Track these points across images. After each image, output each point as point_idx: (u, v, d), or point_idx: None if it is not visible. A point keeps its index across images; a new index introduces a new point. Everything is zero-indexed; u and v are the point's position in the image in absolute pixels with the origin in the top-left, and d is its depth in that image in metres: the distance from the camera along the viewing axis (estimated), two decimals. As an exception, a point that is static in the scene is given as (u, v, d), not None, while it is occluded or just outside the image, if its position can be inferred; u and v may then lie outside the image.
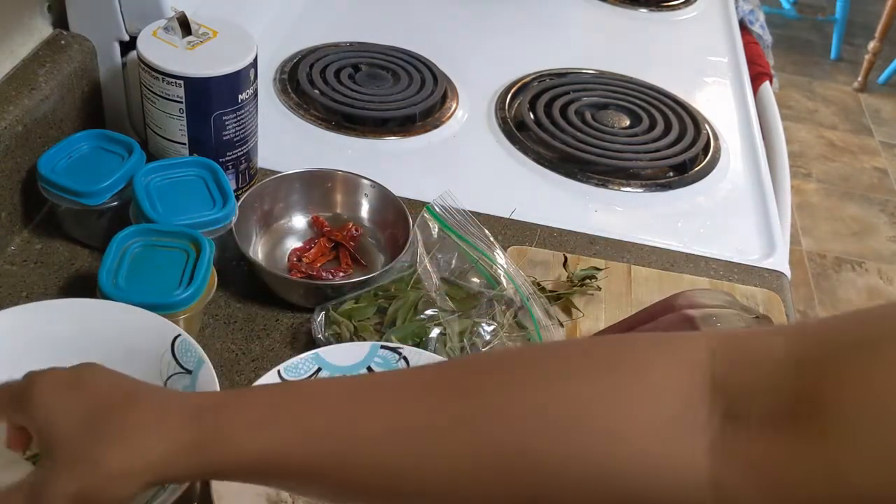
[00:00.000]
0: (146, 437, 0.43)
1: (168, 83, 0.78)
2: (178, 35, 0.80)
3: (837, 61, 3.60)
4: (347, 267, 0.82)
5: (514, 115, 1.09)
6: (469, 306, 0.76)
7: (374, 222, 0.86)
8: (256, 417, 0.44)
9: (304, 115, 1.03)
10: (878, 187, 2.88)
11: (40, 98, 0.80)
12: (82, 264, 0.79)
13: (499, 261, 0.79)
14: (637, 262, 0.89)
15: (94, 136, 0.81)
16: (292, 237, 0.85)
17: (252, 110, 0.85)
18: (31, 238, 0.81)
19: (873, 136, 3.16)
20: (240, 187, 0.88)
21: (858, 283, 2.46)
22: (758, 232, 0.96)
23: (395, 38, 1.19)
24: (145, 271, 0.70)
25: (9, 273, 0.77)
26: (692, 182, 1.02)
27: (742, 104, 1.21)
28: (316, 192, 0.86)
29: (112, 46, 0.87)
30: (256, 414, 0.44)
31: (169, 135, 0.82)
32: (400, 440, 0.42)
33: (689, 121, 1.12)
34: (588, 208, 0.96)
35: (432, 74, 1.12)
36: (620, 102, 1.14)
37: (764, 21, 1.59)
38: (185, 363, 0.63)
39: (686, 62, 1.31)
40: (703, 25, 1.42)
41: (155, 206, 0.75)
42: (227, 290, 0.78)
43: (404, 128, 1.04)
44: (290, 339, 0.75)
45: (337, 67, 1.10)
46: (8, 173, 0.77)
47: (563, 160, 1.02)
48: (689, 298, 0.68)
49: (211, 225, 0.75)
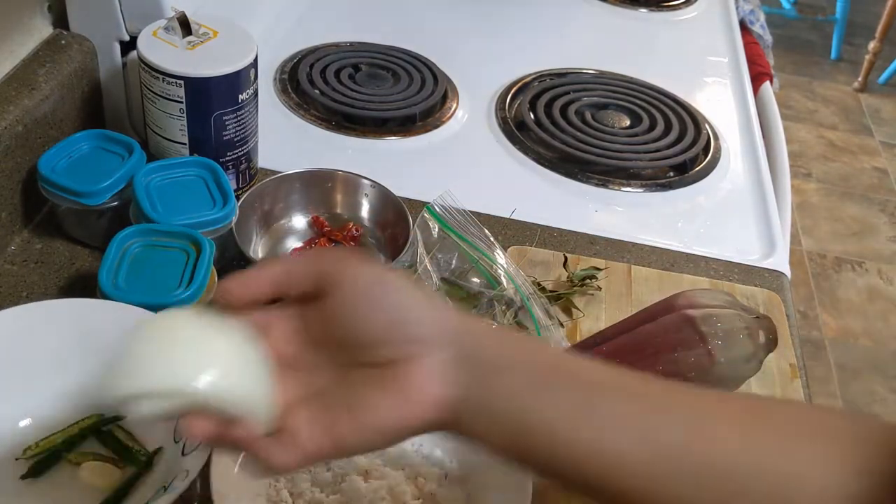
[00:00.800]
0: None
1: (168, 83, 0.78)
2: (179, 35, 0.80)
3: (837, 61, 3.60)
4: (347, 267, 0.82)
5: (514, 115, 1.09)
6: (469, 306, 0.76)
7: (374, 222, 0.86)
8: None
9: (304, 115, 1.03)
10: (878, 187, 2.88)
11: (40, 98, 0.80)
12: (82, 264, 0.79)
13: (499, 261, 0.79)
14: (637, 262, 0.89)
15: (94, 136, 0.81)
16: (292, 237, 0.85)
17: (252, 110, 0.85)
18: (31, 238, 0.81)
19: (873, 136, 3.16)
20: (240, 187, 0.88)
21: (858, 283, 2.46)
22: (758, 232, 0.96)
23: (395, 38, 1.19)
24: (145, 271, 0.70)
25: (9, 273, 0.77)
26: (692, 182, 1.02)
27: (742, 104, 1.21)
28: (316, 192, 0.86)
29: (112, 46, 0.87)
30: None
31: (169, 135, 0.82)
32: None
33: (690, 121, 1.12)
34: (588, 208, 0.96)
35: (432, 74, 1.12)
36: (620, 102, 1.14)
37: (764, 21, 1.59)
38: (186, 363, 0.63)
39: (686, 62, 1.31)
40: (703, 25, 1.42)
41: (155, 206, 0.75)
42: (227, 290, 0.78)
43: (404, 128, 1.04)
44: (290, 339, 0.75)
45: (337, 67, 1.10)
46: (8, 173, 0.77)
47: (563, 160, 1.02)
48: (689, 298, 0.68)
49: (211, 225, 0.75)
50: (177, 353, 0.44)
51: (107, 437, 0.63)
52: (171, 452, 0.61)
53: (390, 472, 0.62)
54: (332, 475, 0.62)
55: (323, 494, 0.61)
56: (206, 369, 0.43)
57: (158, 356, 0.44)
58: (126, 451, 0.63)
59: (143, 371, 0.43)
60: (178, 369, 0.43)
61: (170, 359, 0.44)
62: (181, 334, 0.45)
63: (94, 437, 0.63)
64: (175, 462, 0.60)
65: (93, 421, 0.64)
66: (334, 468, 0.63)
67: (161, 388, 0.43)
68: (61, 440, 0.62)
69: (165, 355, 0.44)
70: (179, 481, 0.56)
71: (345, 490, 0.61)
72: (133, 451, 0.62)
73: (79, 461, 0.62)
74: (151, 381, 0.43)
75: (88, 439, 0.63)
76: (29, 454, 0.61)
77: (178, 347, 0.44)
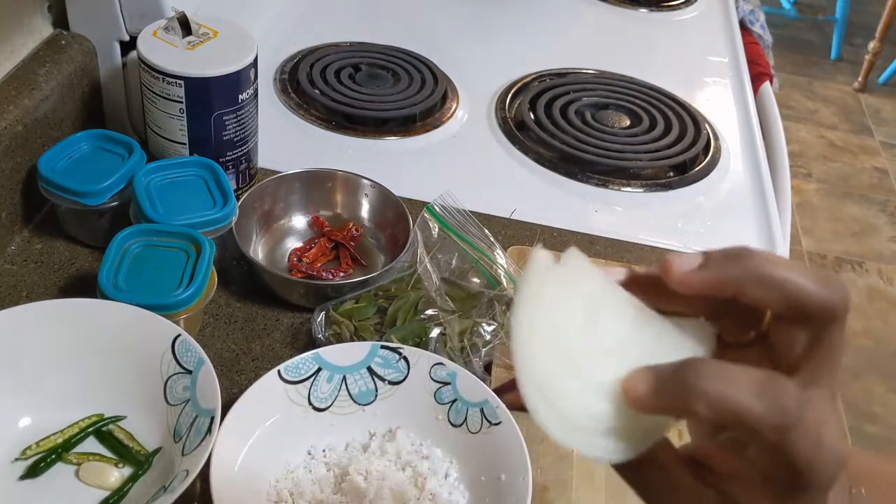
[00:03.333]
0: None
1: (168, 83, 0.78)
2: (179, 35, 0.80)
3: (837, 61, 3.61)
4: (347, 267, 0.82)
5: (514, 115, 1.09)
6: (469, 306, 0.76)
7: (374, 222, 0.86)
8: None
9: (304, 115, 1.03)
10: (878, 187, 2.88)
11: (40, 98, 0.80)
12: (82, 264, 0.79)
13: (499, 261, 0.79)
14: (637, 262, 0.89)
15: (94, 136, 0.81)
16: (292, 237, 0.85)
17: (252, 110, 0.85)
18: (31, 238, 0.81)
19: (873, 136, 3.16)
20: (240, 187, 0.88)
21: (858, 284, 2.46)
22: (758, 232, 0.96)
23: (395, 38, 1.19)
24: (145, 271, 0.70)
25: (9, 273, 0.77)
26: (692, 182, 1.02)
27: (742, 104, 1.21)
28: (316, 192, 0.86)
29: (112, 46, 0.87)
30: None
31: (169, 135, 0.82)
32: None
33: (690, 121, 1.12)
34: (588, 208, 0.96)
35: (432, 74, 1.12)
36: (620, 102, 1.14)
37: (764, 21, 1.59)
38: (186, 363, 0.63)
39: (686, 62, 1.31)
40: (703, 25, 1.42)
41: (155, 206, 0.75)
42: (227, 290, 0.78)
43: (404, 128, 1.04)
44: (290, 338, 0.75)
45: (337, 67, 1.10)
46: (8, 173, 0.77)
47: (563, 160, 1.02)
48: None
49: (211, 225, 0.75)
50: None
51: (107, 437, 0.63)
52: (171, 452, 0.61)
53: (390, 472, 0.62)
54: (332, 475, 0.62)
55: (323, 494, 0.61)
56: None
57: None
58: (126, 451, 0.63)
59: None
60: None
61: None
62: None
63: (94, 437, 0.64)
64: (175, 462, 0.60)
65: (93, 421, 0.64)
66: (334, 468, 0.63)
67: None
68: (61, 440, 0.62)
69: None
70: (179, 481, 0.56)
71: (345, 490, 0.61)
72: (133, 451, 0.63)
73: (78, 461, 0.62)
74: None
75: (88, 439, 0.63)
76: (29, 454, 0.61)
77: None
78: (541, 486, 0.64)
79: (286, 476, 0.62)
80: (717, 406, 0.30)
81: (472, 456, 0.64)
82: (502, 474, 0.62)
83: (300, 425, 0.65)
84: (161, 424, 0.63)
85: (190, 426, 0.60)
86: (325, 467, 0.63)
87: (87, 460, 0.62)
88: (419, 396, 0.67)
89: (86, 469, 0.61)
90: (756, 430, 0.30)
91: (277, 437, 0.63)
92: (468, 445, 0.65)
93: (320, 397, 0.66)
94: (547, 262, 0.35)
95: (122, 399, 0.65)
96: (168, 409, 0.63)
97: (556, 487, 0.65)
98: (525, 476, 0.60)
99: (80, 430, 0.63)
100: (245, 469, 0.60)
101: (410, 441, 0.65)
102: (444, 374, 0.67)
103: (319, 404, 0.66)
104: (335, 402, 0.67)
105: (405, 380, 0.68)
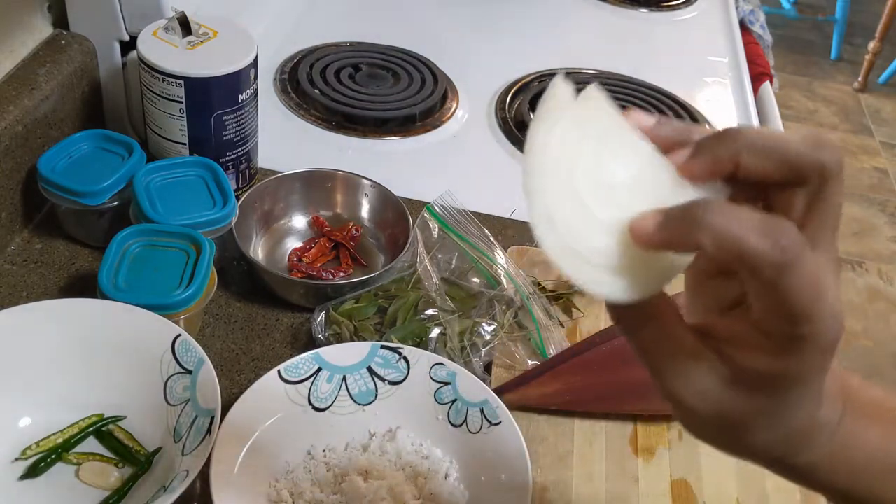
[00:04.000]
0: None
1: (168, 83, 0.78)
2: (179, 35, 0.80)
3: (837, 61, 3.61)
4: (347, 267, 0.82)
5: (514, 115, 1.09)
6: (469, 306, 0.76)
7: (374, 222, 0.86)
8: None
9: (304, 115, 1.03)
10: (878, 187, 2.88)
11: (40, 98, 0.80)
12: (82, 264, 0.79)
13: (499, 261, 0.79)
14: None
15: (94, 136, 0.81)
16: (292, 237, 0.85)
17: (252, 110, 0.85)
18: (31, 238, 0.81)
19: (873, 136, 3.16)
20: (240, 187, 0.88)
21: (858, 283, 2.46)
22: (758, 232, 0.96)
23: (395, 38, 1.19)
24: (145, 271, 0.70)
25: (9, 273, 0.77)
26: (692, 182, 1.02)
27: (742, 104, 1.21)
28: (316, 192, 0.86)
29: (112, 46, 0.87)
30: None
31: (169, 135, 0.82)
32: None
33: (690, 121, 1.12)
34: (588, 208, 0.96)
35: (432, 74, 1.12)
36: (620, 102, 1.14)
37: (764, 21, 1.59)
38: (186, 363, 0.63)
39: (686, 62, 1.31)
40: (703, 25, 1.42)
41: (155, 206, 0.75)
42: (227, 290, 0.78)
43: (404, 128, 1.04)
44: (290, 338, 0.75)
45: (337, 67, 1.10)
46: (8, 173, 0.77)
47: (563, 160, 1.02)
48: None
49: (211, 225, 0.75)
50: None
51: (107, 437, 0.63)
52: (171, 452, 0.61)
53: (390, 472, 0.62)
54: (332, 475, 0.62)
55: (323, 495, 0.61)
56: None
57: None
58: (126, 451, 0.63)
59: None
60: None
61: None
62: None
63: (94, 437, 0.64)
64: (175, 462, 0.60)
65: (93, 421, 0.64)
66: (334, 468, 0.63)
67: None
68: (61, 440, 0.62)
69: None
70: (179, 481, 0.56)
71: (345, 490, 0.61)
72: (133, 451, 0.63)
73: (78, 461, 0.62)
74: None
75: (88, 439, 0.63)
76: (29, 454, 0.61)
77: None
78: (541, 486, 0.64)
79: (286, 476, 0.62)
80: (721, 239, 0.31)
81: (472, 456, 0.64)
82: (502, 474, 0.62)
83: (300, 425, 0.65)
84: (161, 424, 0.63)
85: (190, 426, 0.60)
86: (325, 467, 0.63)
87: (87, 460, 0.62)
88: (419, 396, 0.67)
89: (86, 469, 0.61)
90: (756, 267, 0.31)
91: (277, 438, 0.63)
92: (468, 445, 0.65)
93: (320, 397, 0.66)
94: (566, 97, 0.35)
95: (122, 399, 0.65)
96: (168, 409, 0.63)
97: (556, 487, 0.65)
98: (525, 476, 0.60)
99: (80, 430, 0.63)
100: (245, 469, 0.60)
101: (410, 441, 0.65)
102: (444, 374, 0.67)
103: (319, 404, 0.66)
104: (335, 402, 0.67)
105: (405, 380, 0.68)
